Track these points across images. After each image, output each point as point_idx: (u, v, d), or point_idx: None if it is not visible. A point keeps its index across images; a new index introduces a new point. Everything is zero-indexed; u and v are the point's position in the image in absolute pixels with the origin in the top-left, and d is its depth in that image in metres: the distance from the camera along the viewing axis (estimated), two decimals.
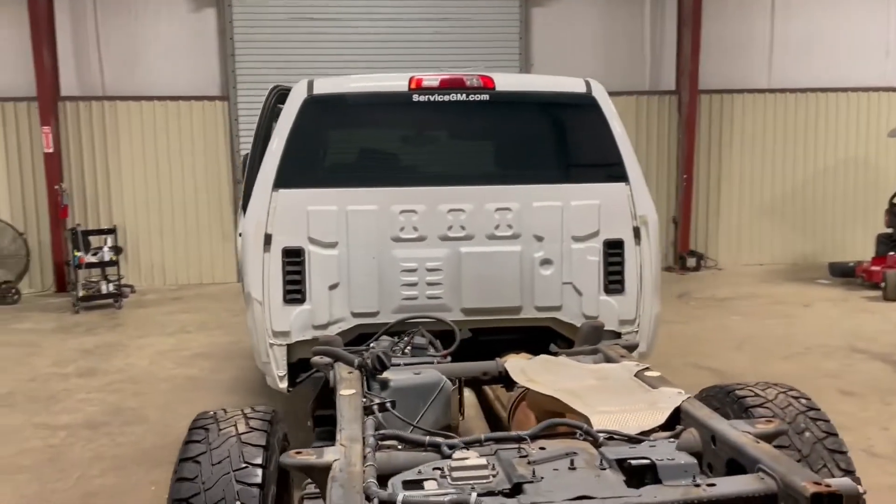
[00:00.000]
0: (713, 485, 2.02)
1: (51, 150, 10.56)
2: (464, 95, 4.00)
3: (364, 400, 2.80)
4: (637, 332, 4.15)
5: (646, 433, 2.43)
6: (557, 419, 2.50)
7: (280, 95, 4.04)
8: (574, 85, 4.12)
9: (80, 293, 9.51)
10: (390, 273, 3.96)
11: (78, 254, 9.55)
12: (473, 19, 11.30)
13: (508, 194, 4.02)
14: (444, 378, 3.06)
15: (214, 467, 2.41)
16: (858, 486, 2.01)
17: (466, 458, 2.14)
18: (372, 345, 3.60)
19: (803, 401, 2.83)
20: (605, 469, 2.12)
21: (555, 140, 4.31)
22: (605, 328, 4.07)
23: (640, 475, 2.12)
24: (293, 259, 3.92)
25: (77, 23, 10.91)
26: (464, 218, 3.99)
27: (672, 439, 2.37)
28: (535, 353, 3.53)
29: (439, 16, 11.26)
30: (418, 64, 10.61)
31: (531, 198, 4.03)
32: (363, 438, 2.34)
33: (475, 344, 3.87)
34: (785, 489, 1.95)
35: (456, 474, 2.07)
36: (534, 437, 2.39)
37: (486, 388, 3.77)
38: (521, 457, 2.23)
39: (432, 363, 3.32)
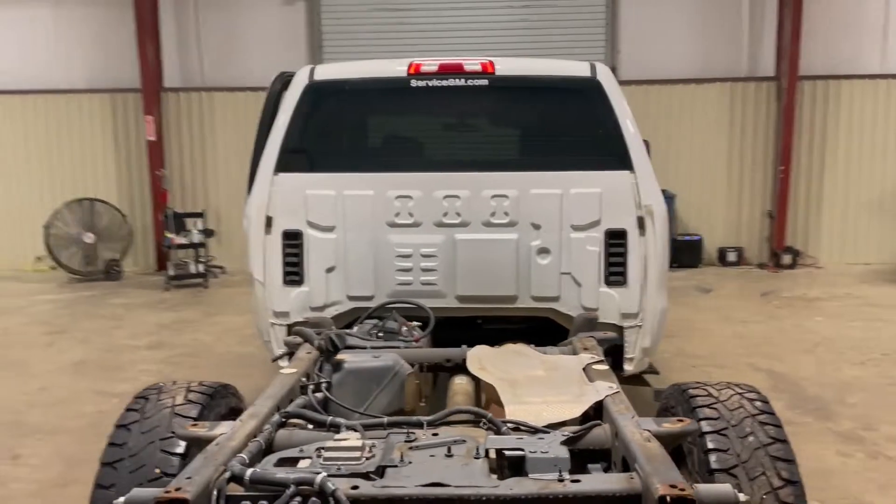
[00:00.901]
0: (577, 481, 1.93)
1: (153, 139, 11.28)
2: (462, 81, 3.96)
3: (304, 380, 2.86)
4: (640, 326, 3.99)
5: (555, 426, 2.35)
6: (462, 407, 2.47)
7: (286, 82, 4.14)
8: (578, 69, 3.99)
9: (171, 272, 10.14)
10: (385, 258, 4.00)
11: (169, 235, 10.17)
12: (558, 6, 11.10)
13: (505, 181, 3.96)
14: (400, 363, 3.07)
15: (143, 435, 2.54)
16: (739, 494, 1.87)
17: (346, 440, 2.15)
18: (355, 328, 3.66)
19: (758, 404, 2.64)
20: (478, 458, 2.08)
21: (556, 126, 4.19)
22: (606, 321, 3.95)
23: (516, 467, 2.06)
24: (292, 242, 4.03)
25: (179, 18, 11.57)
26: (459, 204, 3.96)
27: (577, 433, 2.28)
28: (542, 343, 3.45)
29: (523, 3, 11.14)
30: (502, 51, 10.56)
31: (529, 185, 3.94)
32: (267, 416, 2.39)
33: (482, 332, 3.84)
34: (645, 490, 1.84)
35: (328, 454, 2.09)
36: (433, 424, 2.37)
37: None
38: (407, 441, 2.22)
39: (398, 347, 3.33)
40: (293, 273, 4.04)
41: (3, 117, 12.01)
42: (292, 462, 2.11)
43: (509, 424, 2.36)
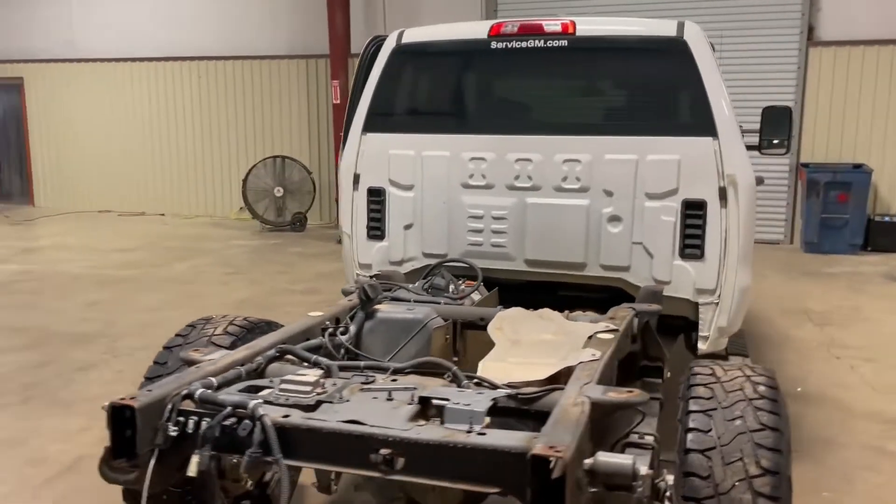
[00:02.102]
0: (483, 434, 1.97)
1: (338, 102, 12.04)
2: (542, 42, 3.92)
3: (328, 323, 3.08)
4: (717, 304, 3.76)
5: (515, 385, 2.37)
6: (431, 358, 2.55)
7: (378, 46, 4.33)
8: (664, 28, 3.78)
9: None
10: (458, 218, 4.09)
11: None
12: None
13: (578, 145, 3.87)
14: (431, 317, 3.18)
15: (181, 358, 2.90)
16: (640, 467, 1.82)
17: (305, 375, 2.33)
18: (417, 283, 3.82)
19: (762, 388, 2.47)
20: (410, 404, 2.16)
21: (635, 88, 4.01)
22: (679, 296, 3.78)
23: (441, 416, 2.12)
24: (375, 198, 4.25)
25: None
26: (531, 168, 3.95)
27: (532, 394, 2.28)
28: None
29: None
30: (691, 10, 10.08)
31: (603, 150, 3.83)
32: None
33: (555, 298, 3.85)
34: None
35: (284, 386, 2.28)
36: (400, 371, 2.49)
37: None
38: (363, 384, 2.36)
39: (438, 303, 3.44)
40: (376, 228, 4.27)
41: (213, 81, 13.45)
42: (257, 389, 2.33)
43: (475, 379, 2.41)
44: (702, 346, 3.84)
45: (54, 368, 5.57)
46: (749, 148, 3.88)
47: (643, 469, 1.82)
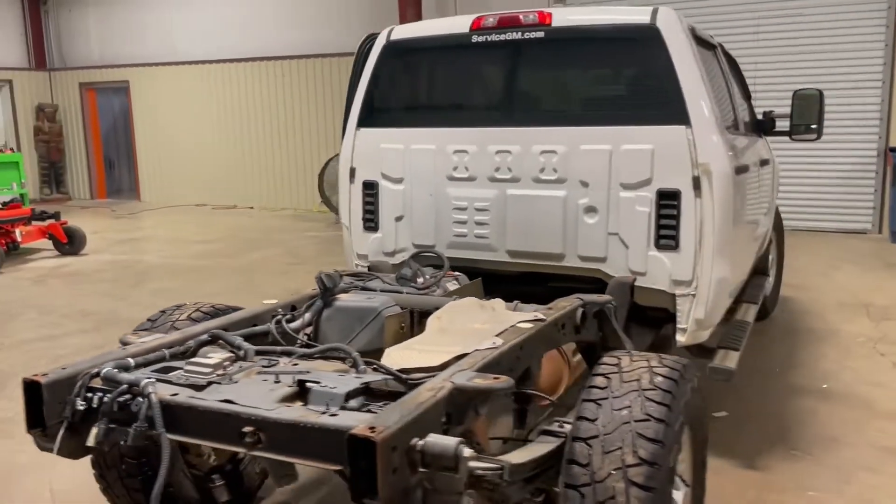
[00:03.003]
0: (334, 415, 2.08)
1: None
2: (520, 34, 3.94)
3: (279, 310, 3.26)
4: (693, 295, 3.68)
5: (407, 370, 2.45)
6: (337, 344, 2.67)
7: (372, 43, 4.46)
8: (637, 15, 3.71)
9: None
10: (444, 210, 4.18)
11: None
12: None
13: (555, 136, 3.87)
14: (386, 306, 3.30)
15: None
16: (464, 449, 1.89)
17: (209, 358, 2.51)
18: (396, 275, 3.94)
19: (659, 379, 2.46)
20: (290, 387, 2.30)
21: (610, 78, 3.95)
22: (656, 287, 3.73)
23: None
24: (369, 191, 4.40)
25: None
26: (510, 160, 3.98)
27: (419, 379, 2.37)
28: None
29: None
30: None
31: (579, 140, 3.82)
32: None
33: (546, 290, 3.89)
34: None
35: (189, 367, 2.47)
36: (306, 356, 2.63)
37: None
38: (264, 367, 2.51)
39: (401, 293, 3.56)
40: (370, 220, 4.42)
41: (296, 79, 14.01)
42: (168, 371, 2.53)
43: (373, 366, 2.52)
44: (680, 339, 3.77)
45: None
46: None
47: (466, 452, 1.88)
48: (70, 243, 10.51)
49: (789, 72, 10.24)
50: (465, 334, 2.80)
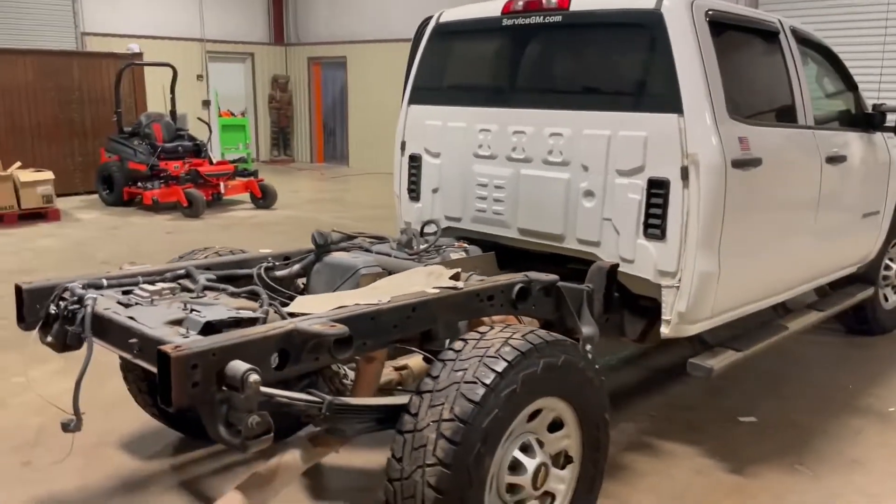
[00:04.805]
0: (186, 337, 2.51)
1: None
2: (541, 18, 4.03)
3: (270, 259, 3.76)
4: (678, 287, 3.61)
5: (297, 314, 2.81)
6: (253, 287, 3.09)
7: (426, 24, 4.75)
8: (644, 0, 3.65)
9: None
10: (469, 185, 4.41)
11: None
12: None
13: (562, 119, 3.94)
14: (368, 265, 3.67)
15: None
16: (251, 375, 2.24)
17: (153, 287, 3.06)
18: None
19: (505, 349, 2.62)
20: (183, 313, 2.77)
21: (615, 63, 3.86)
22: (642, 276, 3.72)
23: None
24: (414, 164, 4.74)
25: None
26: (525, 141, 4.11)
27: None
28: None
29: None
30: None
31: (583, 125, 3.86)
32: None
33: (570, 271, 4.04)
34: None
35: (138, 291, 3.04)
36: (235, 294, 3.08)
37: None
38: (191, 298, 3.01)
39: (389, 255, 3.88)
40: (413, 190, 4.77)
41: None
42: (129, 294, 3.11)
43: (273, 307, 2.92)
44: (664, 331, 3.71)
45: None
46: None
47: (252, 377, 2.22)
48: (264, 198, 11.95)
49: None
50: (383, 293, 3.09)
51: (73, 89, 12.84)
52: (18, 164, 10.75)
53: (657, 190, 3.61)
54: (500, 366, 2.54)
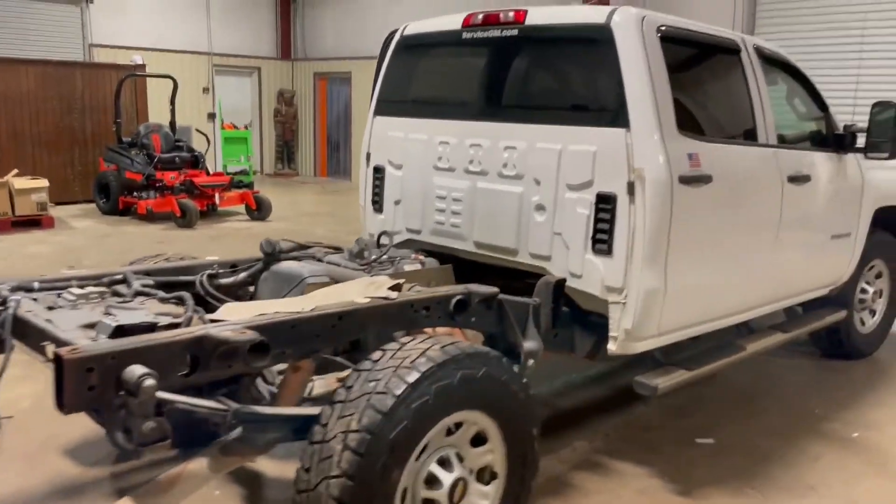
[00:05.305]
0: (94, 341, 2.49)
1: None
2: (499, 31, 4.02)
3: (216, 266, 3.74)
4: (624, 304, 3.56)
5: (217, 320, 2.79)
6: (181, 293, 3.07)
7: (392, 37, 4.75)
8: (595, 15, 3.62)
9: None
10: (429, 197, 4.38)
11: None
12: None
13: (517, 133, 3.91)
14: (313, 275, 3.65)
15: None
16: (147, 381, 2.22)
17: (81, 290, 3.05)
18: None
19: (420, 360, 2.58)
20: (102, 317, 2.75)
21: (567, 77, 3.84)
22: (589, 291, 3.66)
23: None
24: (378, 175, 4.73)
25: None
26: (481, 154, 4.08)
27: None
28: None
29: None
30: None
31: (536, 138, 3.83)
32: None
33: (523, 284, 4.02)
34: None
35: (76, 291, 3.04)
36: (164, 300, 3.06)
37: None
38: (119, 303, 2.99)
39: (338, 265, 3.86)
40: (377, 202, 4.75)
41: None
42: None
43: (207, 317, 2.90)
44: (611, 347, 3.65)
45: None
46: None
47: (148, 382, 2.19)
48: (259, 210, 11.99)
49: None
50: (314, 302, 3.06)
51: (75, 99, 12.98)
52: (15, 171, 10.86)
53: (605, 205, 3.57)
54: (413, 377, 2.50)
